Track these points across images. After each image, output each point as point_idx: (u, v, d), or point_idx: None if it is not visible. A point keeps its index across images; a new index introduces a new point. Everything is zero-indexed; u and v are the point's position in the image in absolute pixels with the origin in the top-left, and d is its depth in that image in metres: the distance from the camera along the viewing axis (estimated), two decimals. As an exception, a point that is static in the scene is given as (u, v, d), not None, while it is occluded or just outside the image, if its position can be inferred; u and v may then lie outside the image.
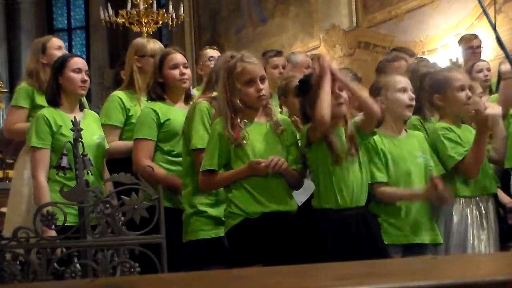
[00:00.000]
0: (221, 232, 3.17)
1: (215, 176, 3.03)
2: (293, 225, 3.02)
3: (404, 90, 3.32)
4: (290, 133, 3.14)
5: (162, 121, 3.49)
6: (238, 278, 1.44)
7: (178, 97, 3.60)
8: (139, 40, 4.13)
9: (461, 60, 5.53)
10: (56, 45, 4.11)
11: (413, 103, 3.33)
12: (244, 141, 2.99)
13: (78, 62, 3.60)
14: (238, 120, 3.01)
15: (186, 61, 3.62)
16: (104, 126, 3.76)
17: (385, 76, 3.56)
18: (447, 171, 3.39)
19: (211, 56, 4.44)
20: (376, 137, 3.25)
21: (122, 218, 2.27)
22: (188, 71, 3.59)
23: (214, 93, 3.30)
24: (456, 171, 3.40)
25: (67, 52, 4.16)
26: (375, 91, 3.38)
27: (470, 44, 5.45)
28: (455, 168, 3.39)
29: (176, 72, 3.54)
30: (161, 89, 3.55)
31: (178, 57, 3.58)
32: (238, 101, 3.01)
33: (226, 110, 3.02)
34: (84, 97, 3.84)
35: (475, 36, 5.60)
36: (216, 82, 3.25)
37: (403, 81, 3.36)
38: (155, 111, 3.50)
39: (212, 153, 3.02)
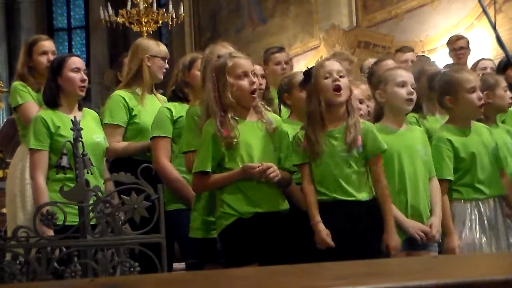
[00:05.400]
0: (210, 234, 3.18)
1: (209, 178, 3.02)
2: (287, 225, 3.03)
3: (403, 84, 3.31)
4: (281, 131, 3.14)
5: (175, 118, 3.56)
6: (238, 278, 1.44)
7: (193, 96, 3.63)
8: (149, 41, 4.12)
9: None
10: (41, 50, 4.06)
11: (413, 97, 3.32)
12: (235, 140, 2.97)
13: (76, 61, 3.59)
14: (229, 117, 2.99)
15: None
16: (108, 125, 3.77)
17: (388, 69, 3.56)
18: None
19: None
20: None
21: (122, 217, 2.27)
22: None
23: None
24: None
25: (56, 54, 4.13)
26: (376, 84, 3.39)
27: (454, 46, 5.43)
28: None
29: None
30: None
31: None
32: (230, 97, 2.99)
33: (215, 108, 3.00)
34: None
35: (458, 38, 5.56)
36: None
37: (404, 75, 3.36)
38: (169, 109, 3.59)
39: (205, 154, 3.01)
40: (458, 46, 5.40)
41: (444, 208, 3.32)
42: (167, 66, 3.97)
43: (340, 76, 3.08)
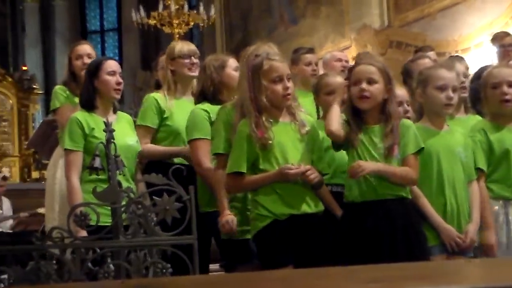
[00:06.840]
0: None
1: (243, 179, 3.00)
2: (322, 226, 3.01)
3: (443, 87, 3.21)
4: (314, 132, 3.12)
5: (213, 120, 3.49)
6: (271, 280, 1.44)
7: (229, 98, 3.57)
8: (171, 44, 4.17)
9: (495, 59, 5.43)
10: (76, 54, 4.22)
11: (452, 102, 3.22)
12: (270, 141, 2.95)
13: (112, 64, 3.67)
14: (263, 119, 2.98)
15: None
16: (139, 127, 3.81)
17: (430, 68, 3.46)
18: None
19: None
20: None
21: (154, 218, 2.28)
22: None
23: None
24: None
25: (93, 57, 4.22)
26: (416, 83, 3.32)
27: (502, 42, 5.36)
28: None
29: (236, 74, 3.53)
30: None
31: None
32: (264, 99, 2.98)
33: (250, 109, 2.99)
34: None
35: (507, 34, 5.50)
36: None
37: (445, 77, 3.24)
38: (205, 110, 3.53)
39: (239, 155, 2.99)
40: (507, 43, 5.33)
41: (482, 199, 3.24)
42: (195, 61, 3.91)
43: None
